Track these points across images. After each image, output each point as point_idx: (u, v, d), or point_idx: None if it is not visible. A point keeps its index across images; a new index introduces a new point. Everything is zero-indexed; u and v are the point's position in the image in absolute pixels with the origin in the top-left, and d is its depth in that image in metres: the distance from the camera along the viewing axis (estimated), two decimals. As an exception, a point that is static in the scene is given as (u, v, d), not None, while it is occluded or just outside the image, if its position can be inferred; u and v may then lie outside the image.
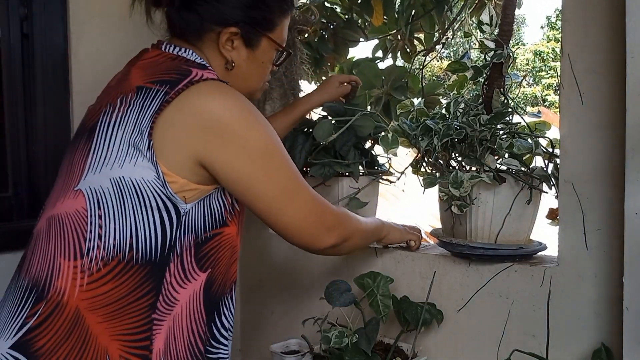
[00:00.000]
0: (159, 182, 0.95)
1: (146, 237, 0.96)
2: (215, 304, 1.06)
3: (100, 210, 0.95)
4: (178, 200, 0.97)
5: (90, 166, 0.97)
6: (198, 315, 1.04)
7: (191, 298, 1.02)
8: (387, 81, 1.84)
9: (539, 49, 15.10)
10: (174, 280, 0.99)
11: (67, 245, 0.97)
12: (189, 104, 0.95)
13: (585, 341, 1.24)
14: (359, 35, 2.03)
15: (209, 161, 0.97)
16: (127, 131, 0.96)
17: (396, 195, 4.84)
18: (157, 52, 1.07)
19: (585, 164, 1.23)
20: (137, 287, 0.96)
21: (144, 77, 1.00)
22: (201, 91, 0.97)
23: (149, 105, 0.95)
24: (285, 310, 1.81)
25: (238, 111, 0.98)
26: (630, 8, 1.06)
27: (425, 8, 1.94)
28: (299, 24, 1.78)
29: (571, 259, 1.26)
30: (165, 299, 0.99)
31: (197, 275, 1.02)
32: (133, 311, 0.96)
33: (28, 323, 0.95)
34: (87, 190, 0.97)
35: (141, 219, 0.96)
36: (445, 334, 1.45)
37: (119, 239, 0.95)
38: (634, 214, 1.07)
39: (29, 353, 0.94)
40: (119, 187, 0.95)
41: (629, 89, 1.06)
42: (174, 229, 0.98)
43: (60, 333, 0.94)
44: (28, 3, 1.55)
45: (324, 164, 1.55)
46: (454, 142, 1.43)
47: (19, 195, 1.59)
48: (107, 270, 0.95)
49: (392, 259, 1.54)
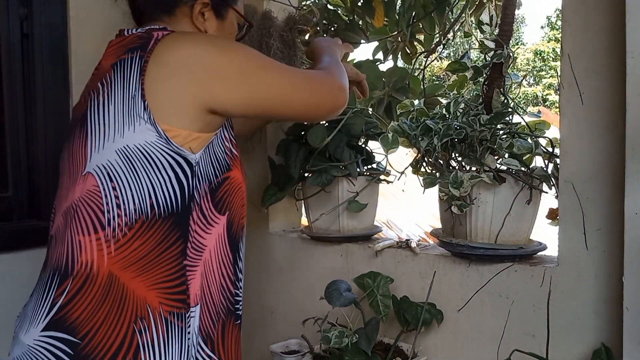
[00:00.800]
0: (163, 141, 0.97)
1: (165, 195, 0.99)
2: (236, 245, 1.13)
3: (113, 183, 0.98)
4: (186, 152, 1.00)
5: (92, 148, 0.99)
6: (225, 257, 1.10)
7: (217, 242, 1.08)
8: (389, 82, 1.84)
9: (539, 49, 15.10)
10: (198, 227, 1.03)
11: (85, 224, 0.99)
12: (165, 58, 0.99)
13: (585, 341, 1.24)
14: (360, 37, 2.03)
15: (215, 103, 1.00)
16: (117, 103, 0.98)
17: (396, 195, 4.84)
18: (121, 38, 1.10)
19: (585, 164, 1.23)
20: (165, 237, 0.99)
21: (114, 57, 1.03)
22: (169, 42, 1.00)
23: (130, 72, 0.98)
24: (285, 310, 1.81)
25: (210, 46, 1.02)
26: (630, 8, 1.06)
27: (426, 9, 1.94)
28: (300, 24, 1.78)
29: (571, 259, 1.26)
30: (193, 245, 1.03)
31: (217, 219, 1.07)
32: (164, 260, 1.00)
33: (57, 303, 0.96)
34: (95, 169, 0.99)
35: (157, 180, 0.98)
36: (445, 334, 1.45)
37: (138, 203, 0.98)
38: (634, 214, 1.07)
39: (65, 327, 0.95)
40: (126, 156, 0.97)
41: (629, 89, 1.06)
42: (189, 180, 1.01)
43: (95, 301, 0.96)
44: (28, 3, 1.55)
45: (320, 172, 1.55)
46: (454, 142, 1.43)
47: (19, 195, 1.59)
48: (133, 232, 0.98)
49: (392, 259, 1.54)
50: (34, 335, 0.97)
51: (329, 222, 1.65)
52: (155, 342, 0.98)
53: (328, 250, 1.68)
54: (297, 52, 1.78)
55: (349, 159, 1.58)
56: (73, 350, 0.94)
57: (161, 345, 0.98)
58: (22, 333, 1.00)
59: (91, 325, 0.95)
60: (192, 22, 1.12)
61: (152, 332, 0.97)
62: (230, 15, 1.16)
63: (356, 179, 1.59)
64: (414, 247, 1.51)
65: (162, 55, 0.98)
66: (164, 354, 0.99)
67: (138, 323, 0.97)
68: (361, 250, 1.61)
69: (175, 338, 1.00)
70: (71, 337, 0.94)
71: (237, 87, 1.02)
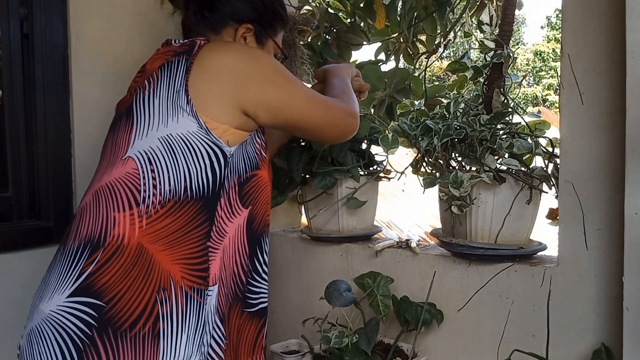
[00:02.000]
0: (203, 131, 1.08)
1: (199, 180, 1.08)
2: (257, 239, 1.21)
3: (152, 165, 1.07)
4: (222, 143, 1.10)
5: (135, 136, 1.09)
6: (241, 247, 1.18)
7: (236, 231, 1.16)
8: (390, 84, 1.84)
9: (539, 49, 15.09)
10: (224, 214, 1.13)
11: (121, 201, 1.06)
12: (207, 62, 1.10)
13: (585, 341, 1.24)
14: (362, 38, 2.03)
15: (248, 105, 1.11)
16: (162, 97, 1.09)
17: (396, 195, 4.84)
18: (168, 47, 1.20)
19: (585, 164, 1.23)
20: (194, 218, 1.08)
21: (161, 60, 1.14)
22: (211, 49, 1.12)
23: (176, 72, 1.10)
24: (285, 310, 1.81)
25: (245, 55, 1.14)
26: (630, 8, 1.06)
27: (427, 10, 1.94)
28: (300, 24, 1.78)
29: (571, 259, 1.26)
30: (218, 229, 1.11)
31: (240, 211, 1.16)
32: (191, 238, 1.07)
33: (86, 271, 1.01)
34: (137, 154, 1.08)
35: (193, 166, 1.08)
36: (445, 334, 1.45)
37: (174, 184, 1.07)
38: (634, 214, 1.07)
39: (91, 292, 1.00)
40: (168, 143, 1.07)
41: (629, 89, 1.06)
42: (222, 169, 1.10)
43: (123, 268, 1.02)
44: (28, 3, 1.55)
45: (324, 175, 1.57)
46: (454, 142, 1.43)
47: (19, 195, 1.59)
48: (165, 210, 1.06)
49: (392, 259, 1.54)
50: (58, 302, 1.00)
51: (329, 222, 1.65)
52: (174, 313, 1.04)
53: (328, 250, 1.68)
54: (297, 53, 1.78)
55: (352, 162, 1.59)
56: (98, 313, 0.98)
57: (180, 316, 1.05)
58: (44, 302, 1.02)
59: (117, 290, 1.00)
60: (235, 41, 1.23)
61: (171, 303, 1.04)
62: (269, 44, 1.28)
63: (358, 182, 1.59)
64: (414, 247, 1.51)
65: (204, 59, 1.10)
66: (180, 326, 1.05)
67: (160, 293, 1.03)
68: (361, 250, 1.61)
69: (193, 311, 1.07)
70: (96, 301, 0.99)
71: (267, 92, 1.13)
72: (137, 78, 1.22)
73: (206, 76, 1.09)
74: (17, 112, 1.57)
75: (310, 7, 1.87)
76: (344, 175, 1.58)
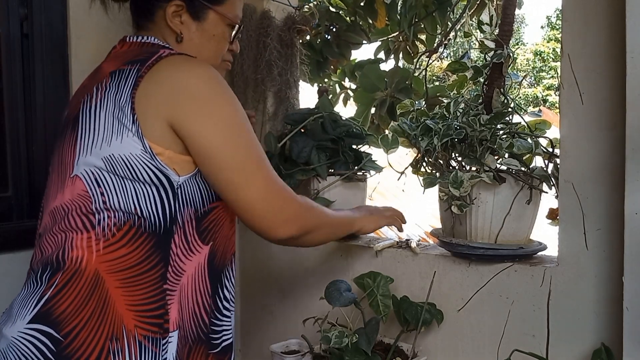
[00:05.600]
0: (147, 155, 0.97)
1: (149, 209, 0.99)
2: (218, 276, 1.10)
3: (101, 188, 0.99)
4: (169, 171, 0.99)
5: (80, 151, 1.01)
6: (203, 287, 1.08)
7: (196, 270, 1.06)
8: (391, 83, 1.84)
9: (539, 49, 15.09)
10: (180, 252, 1.03)
11: (77, 224, 1.00)
12: (161, 76, 0.99)
13: (585, 341, 1.24)
14: (362, 37, 2.03)
15: (180, 127, 0.98)
16: (108, 111, 0.99)
17: (396, 195, 4.84)
18: (124, 44, 1.11)
19: (585, 164, 1.23)
20: (148, 257, 0.99)
21: (116, 64, 1.04)
22: (170, 63, 1.00)
23: (124, 83, 0.99)
24: (285, 310, 1.81)
25: (207, 80, 1.00)
26: (630, 8, 1.06)
27: (427, 9, 1.94)
28: (298, 24, 1.78)
29: (571, 259, 1.26)
30: (174, 269, 1.02)
31: (200, 248, 1.05)
32: (146, 281, 0.99)
33: (46, 295, 0.97)
34: (83, 173, 1.00)
35: (141, 192, 0.99)
36: (445, 334, 1.45)
37: (124, 207, 0.99)
38: (634, 214, 1.07)
39: (50, 320, 0.95)
40: (111, 165, 0.98)
41: (629, 89, 1.06)
42: (171, 201, 1.00)
43: (80, 296, 0.96)
44: (28, 3, 1.55)
45: (285, 177, 1.60)
46: (454, 142, 1.43)
47: (19, 195, 1.59)
48: (121, 234, 0.98)
49: (392, 259, 1.54)
50: (19, 328, 0.96)
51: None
52: None
53: (328, 250, 1.68)
54: (295, 52, 1.78)
55: (318, 161, 1.60)
56: (56, 347, 0.94)
57: None
58: (7, 327, 0.99)
59: (74, 323, 0.95)
60: (168, 25, 1.09)
61: (124, 356, 0.96)
62: (210, 17, 1.12)
63: (325, 179, 1.63)
64: (414, 247, 1.51)
65: (157, 73, 0.99)
66: None
67: (113, 343, 0.96)
68: (361, 250, 1.61)
69: None
70: (55, 333, 0.95)
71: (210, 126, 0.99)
72: (90, 77, 1.11)
73: (153, 91, 0.98)
74: (17, 112, 1.57)
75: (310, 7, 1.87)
76: (307, 174, 1.61)
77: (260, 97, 1.85)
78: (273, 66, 1.76)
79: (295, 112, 1.73)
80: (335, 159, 1.65)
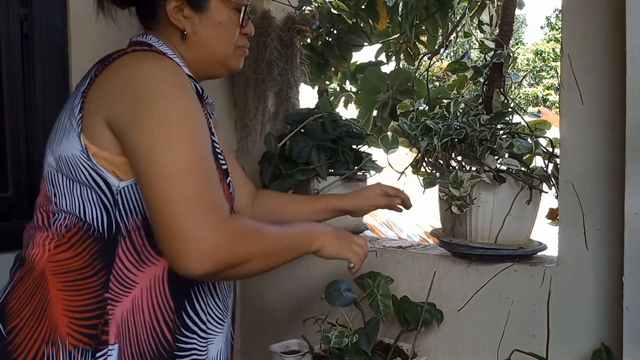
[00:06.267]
0: (84, 156, 0.93)
1: (92, 213, 0.95)
2: (186, 291, 1.00)
3: (54, 189, 0.99)
4: (107, 174, 0.93)
5: (48, 149, 1.02)
6: (163, 301, 0.98)
7: (152, 282, 0.97)
8: (393, 85, 1.85)
9: (539, 49, 15.09)
10: (128, 262, 0.95)
11: (41, 222, 1.01)
12: (110, 73, 0.95)
13: (585, 341, 1.24)
14: (363, 39, 2.03)
15: (113, 122, 0.92)
16: (67, 111, 0.99)
17: (396, 195, 4.82)
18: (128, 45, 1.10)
19: (585, 164, 1.23)
20: (92, 262, 0.95)
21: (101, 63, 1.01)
22: (124, 60, 0.96)
23: (83, 83, 0.98)
24: (285, 310, 1.81)
25: (152, 76, 0.92)
26: (630, 8, 1.06)
27: (428, 11, 1.94)
28: (298, 24, 1.78)
29: (571, 259, 1.26)
30: (120, 279, 0.95)
31: (155, 260, 0.96)
32: (87, 287, 0.95)
33: (7, 289, 1.00)
34: (46, 173, 1.01)
35: (85, 195, 0.95)
36: (445, 334, 1.45)
37: (72, 211, 0.97)
38: (634, 214, 1.07)
39: (2, 315, 0.97)
40: (59, 165, 0.97)
41: (629, 89, 1.06)
42: (112, 207, 0.94)
43: (26, 293, 0.97)
44: (28, 3, 1.55)
45: (285, 177, 1.61)
46: (454, 142, 1.43)
47: (19, 195, 1.59)
48: (69, 236, 0.97)
49: (392, 259, 1.54)
50: None
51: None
52: None
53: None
54: (296, 52, 1.78)
55: (318, 161, 1.61)
56: (1, 343, 0.95)
57: None
58: None
59: (18, 320, 0.96)
60: (171, 22, 1.05)
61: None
62: (212, 5, 1.06)
63: (326, 179, 1.63)
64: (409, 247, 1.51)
65: (109, 71, 0.94)
66: None
67: (49, 347, 0.94)
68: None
69: None
70: (2, 328, 0.96)
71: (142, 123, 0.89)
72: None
73: (98, 89, 0.94)
74: (17, 112, 1.57)
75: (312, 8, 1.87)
76: (307, 174, 1.61)
77: (260, 97, 1.85)
78: (273, 66, 1.76)
79: (295, 112, 1.73)
80: (335, 159, 1.65)
